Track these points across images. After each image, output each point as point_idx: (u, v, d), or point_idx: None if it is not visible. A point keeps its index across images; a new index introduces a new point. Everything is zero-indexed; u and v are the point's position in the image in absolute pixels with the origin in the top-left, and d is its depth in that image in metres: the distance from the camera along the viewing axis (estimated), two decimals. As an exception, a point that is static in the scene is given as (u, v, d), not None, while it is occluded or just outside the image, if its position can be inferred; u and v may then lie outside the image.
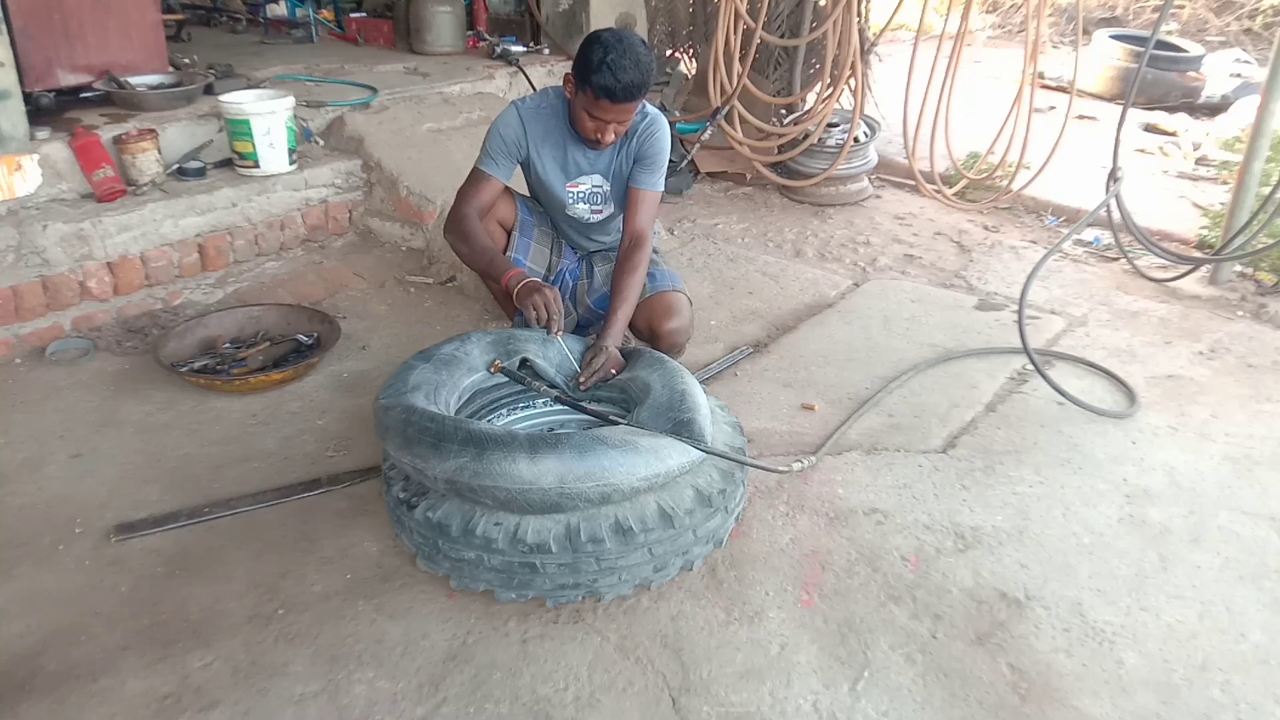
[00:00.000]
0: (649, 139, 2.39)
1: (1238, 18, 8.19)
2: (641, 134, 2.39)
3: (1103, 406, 2.63)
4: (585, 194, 2.48)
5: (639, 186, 2.41)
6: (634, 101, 2.20)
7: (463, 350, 2.13)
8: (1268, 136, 3.41)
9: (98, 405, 2.54)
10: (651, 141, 2.39)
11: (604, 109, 2.19)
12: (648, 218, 2.43)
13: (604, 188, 2.48)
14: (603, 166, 2.45)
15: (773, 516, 2.14)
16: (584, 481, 1.72)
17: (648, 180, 2.42)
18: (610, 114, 2.21)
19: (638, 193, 2.42)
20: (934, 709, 1.64)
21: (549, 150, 2.41)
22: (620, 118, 2.23)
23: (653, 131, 2.40)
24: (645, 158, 2.40)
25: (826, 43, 3.97)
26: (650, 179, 2.42)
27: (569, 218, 2.54)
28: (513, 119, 2.37)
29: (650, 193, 2.43)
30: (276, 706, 1.62)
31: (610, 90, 2.14)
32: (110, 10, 3.33)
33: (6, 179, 2.81)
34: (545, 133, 2.39)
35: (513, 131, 2.37)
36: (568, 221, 2.56)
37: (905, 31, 8.51)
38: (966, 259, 3.83)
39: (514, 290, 2.26)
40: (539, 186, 2.51)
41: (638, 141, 2.39)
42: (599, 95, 2.16)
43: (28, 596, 1.86)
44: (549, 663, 1.72)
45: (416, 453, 1.78)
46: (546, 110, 2.38)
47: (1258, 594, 1.96)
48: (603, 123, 2.23)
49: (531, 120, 2.37)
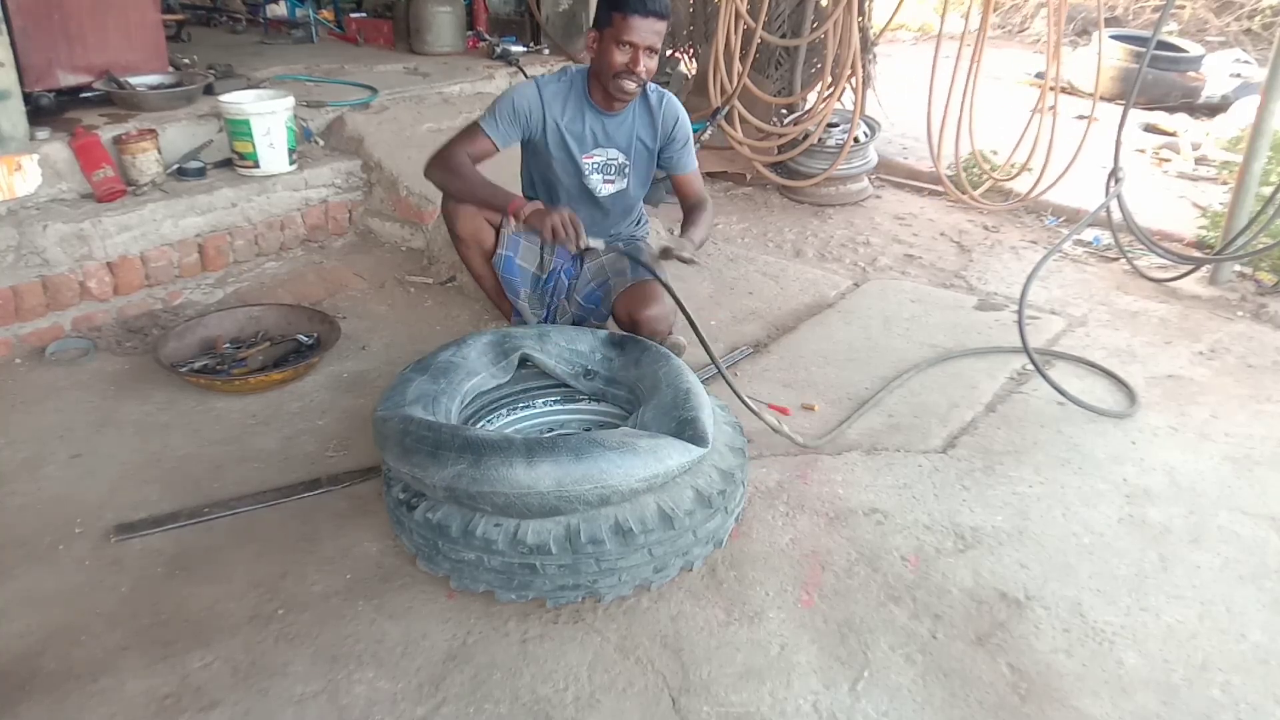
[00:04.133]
0: (676, 121, 2.50)
1: (1238, 18, 8.19)
2: (664, 109, 2.48)
3: (1103, 406, 2.63)
4: (600, 164, 2.51)
5: (680, 172, 2.58)
6: (661, 20, 2.28)
7: (459, 355, 2.13)
8: (1268, 136, 3.41)
9: (98, 405, 2.54)
10: (677, 119, 2.51)
11: (633, 28, 2.25)
12: (697, 189, 2.61)
13: (619, 159, 2.51)
14: (621, 141, 2.49)
15: (773, 517, 2.14)
16: (582, 484, 1.72)
17: (686, 163, 2.58)
18: (639, 34, 2.26)
19: (685, 178, 2.59)
20: (934, 709, 1.64)
21: (567, 121, 2.44)
22: (649, 40, 2.28)
23: (675, 108, 2.52)
24: (675, 139, 2.52)
25: (827, 42, 3.97)
26: (687, 160, 2.57)
27: (582, 190, 2.53)
28: (530, 92, 2.42)
29: (694, 174, 2.60)
30: (276, 706, 1.62)
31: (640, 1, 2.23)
32: (110, 10, 3.33)
33: (6, 179, 2.81)
34: (564, 106, 2.44)
35: (527, 103, 2.41)
36: (579, 197, 2.54)
37: (905, 31, 8.52)
38: (966, 259, 3.83)
39: (524, 216, 2.32)
40: (554, 158, 2.49)
41: (663, 118, 2.48)
42: (629, 11, 2.23)
43: (28, 596, 1.86)
44: (549, 663, 1.72)
45: (414, 462, 1.78)
46: (566, 85, 2.45)
47: (1258, 594, 1.96)
48: (634, 49, 2.28)
49: (551, 95, 2.42)
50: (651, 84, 2.49)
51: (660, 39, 2.32)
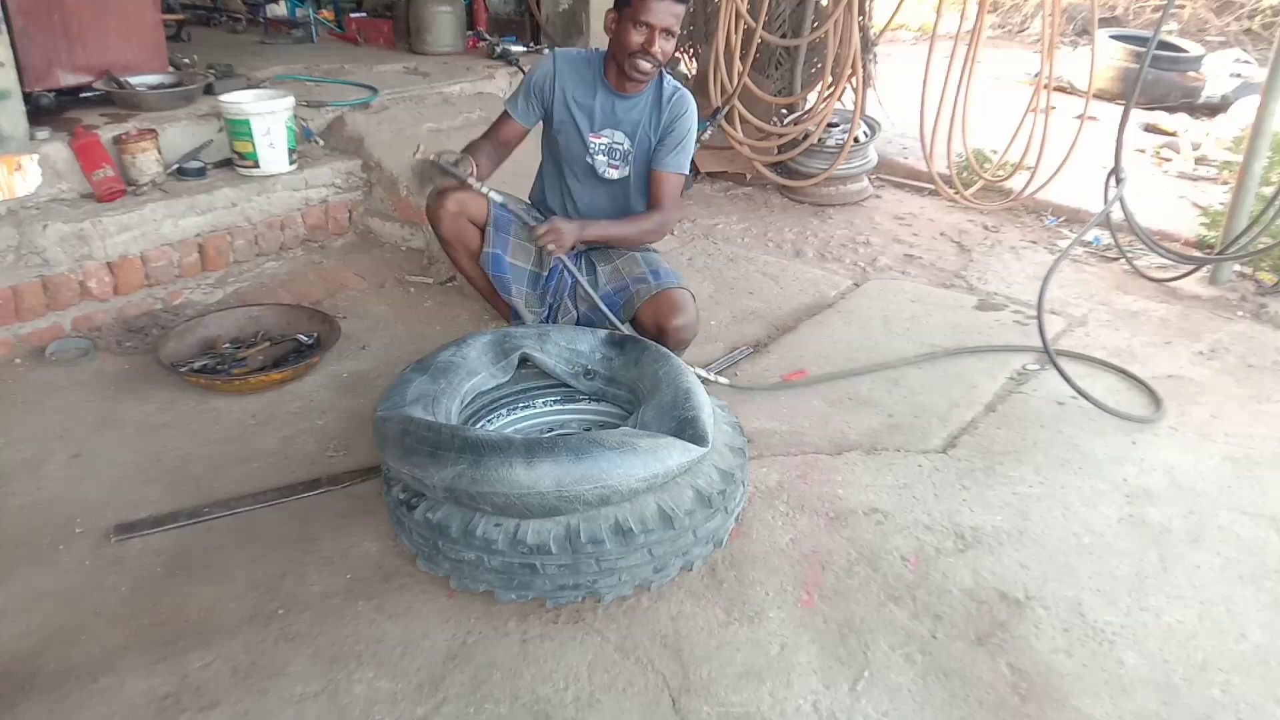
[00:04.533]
0: (679, 117, 2.47)
1: (1238, 18, 8.18)
2: (672, 104, 2.47)
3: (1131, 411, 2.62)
4: (606, 146, 2.50)
5: (660, 168, 2.49)
6: (679, 3, 2.31)
7: (459, 355, 2.13)
8: (1268, 136, 3.41)
9: (98, 405, 2.54)
10: (680, 115, 2.47)
11: (651, 9, 2.27)
12: (668, 195, 2.52)
13: (624, 145, 2.50)
14: (628, 126, 2.48)
15: (773, 517, 2.14)
16: (581, 484, 1.72)
17: (670, 161, 2.49)
18: (657, 15, 2.28)
19: (657, 174, 2.49)
20: (934, 709, 1.65)
21: (578, 96, 2.45)
22: (667, 22, 2.30)
23: (682, 105, 2.48)
24: (670, 132, 2.48)
25: (828, 42, 3.97)
26: (673, 159, 2.49)
27: (586, 169, 2.52)
28: (546, 62, 2.46)
29: (671, 175, 2.50)
30: (276, 706, 1.62)
31: None
32: (110, 10, 3.33)
33: (6, 179, 2.81)
34: (578, 79, 2.45)
35: (541, 72, 2.45)
36: (583, 176, 2.53)
37: (905, 31, 8.52)
38: (966, 259, 3.83)
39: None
40: (560, 133, 2.50)
41: (667, 112, 2.46)
42: None
43: (28, 596, 1.86)
44: (549, 663, 1.72)
45: (414, 462, 1.78)
46: (582, 60, 2.46)
47: (1258, 594, 1.96)
48: (651, 29, 2.29)
49: (565, 65, 2.45)
50: (672, 79, 2.51)
51: (678, 21, 2.34)
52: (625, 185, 2.56)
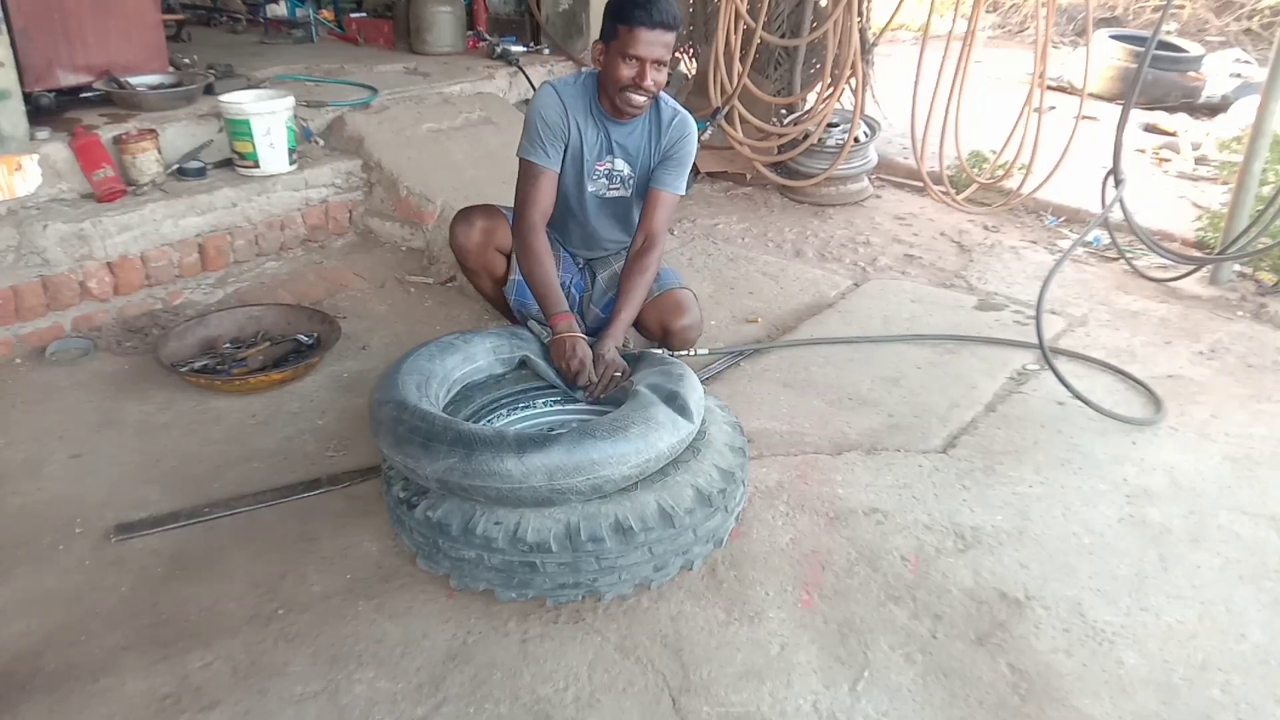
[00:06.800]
0: (678, 140, 2.42)
1: (1238, 18, 8.19)
2: (672, 128, 2.41)
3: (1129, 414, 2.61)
4: (607, 172, 2.47)
5: (660, 187, 2.43)
6: (669, 31, 2.19)
7: (462, 339, 2.19)
8: (1268, 136, 3.41)
9: (98, 405, 2.54)
10: (680, 139, 2.42)
11: (640, 40, 2.17)
12: (663, 220, 2.44)
13: (624, 170, 2.47)
14: (628, 153, 2.44)
15: (773, 516, 2.14)
16: (573, 476, 1.72)
17: (670, 181, 2.43)
18: (646, 46, 2.17)
19: (657, 193, 2.43)
20: (934, 709, 1.64)
21: (583, 127, 2.39)
22: (657, 53, 2.20)
23: (683, 129, 2.43)
24: (671, 156, 2.43)
25: (827, 42, 3.97)
26: (672, 180, 2.44)
27: (587, 196, 2.48)
28: (552, 100, 2.34)
29: (669, 195, 2.44)
30: (276, 706, 1.62)
31: (646, 9, 2.13)
32: (110, 10, 3.33)
33: (6, 179, 2.81)
34: (584, 110, 2.38)
35: (554, 113, 2.34)
36: (582, 202, 2.50)
37: (905, 31, 8.52)
38: (966, 259, 3.83)
39: (549, 339, 2.28)
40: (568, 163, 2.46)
41: (668, 137, 2.41)
42: (635, 23, 2.15)
43: (28, 596, 1.86)
44: (549, 663, 1.72)
45: (407, 452, 1.80)
46: (579, 88, 2.38)
47: (1258, 594, 1.96)
48: (640, 62, 2.20)
49: (570, 97, 2.36)
50: (670, 100, 2.44)
51: (669, 51, 2.23)
52: (626, 202, 2.55)
